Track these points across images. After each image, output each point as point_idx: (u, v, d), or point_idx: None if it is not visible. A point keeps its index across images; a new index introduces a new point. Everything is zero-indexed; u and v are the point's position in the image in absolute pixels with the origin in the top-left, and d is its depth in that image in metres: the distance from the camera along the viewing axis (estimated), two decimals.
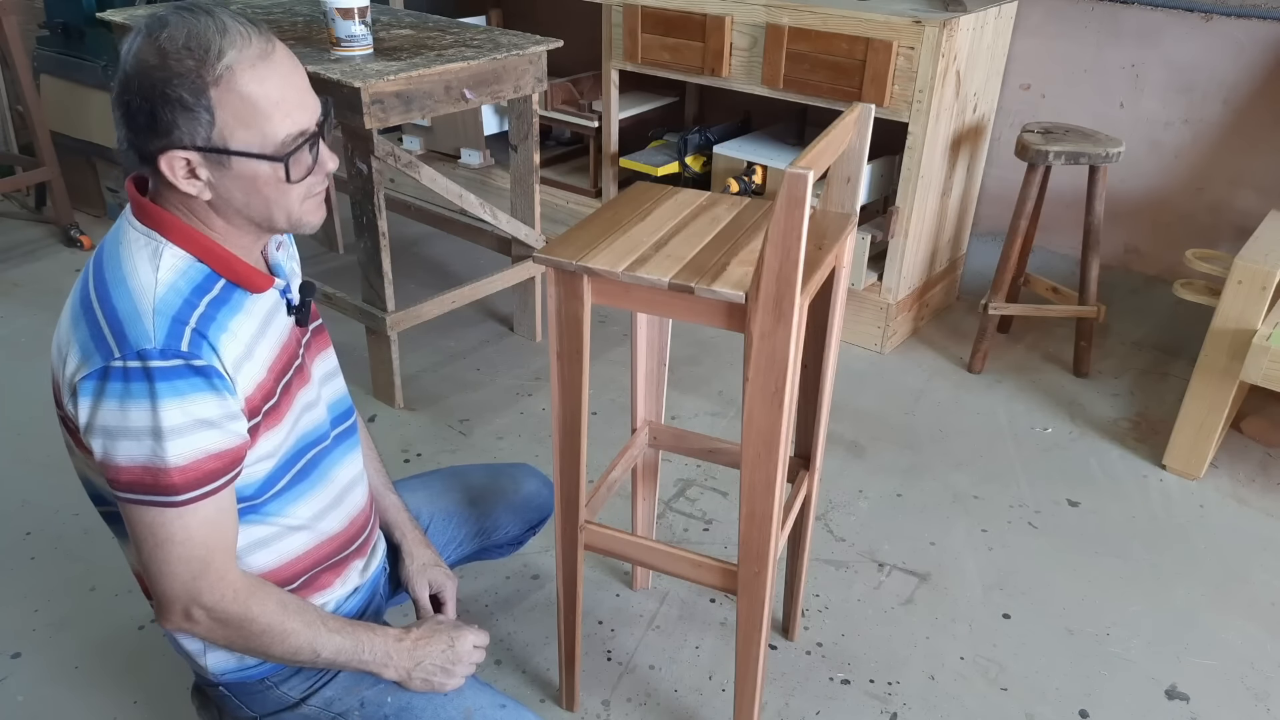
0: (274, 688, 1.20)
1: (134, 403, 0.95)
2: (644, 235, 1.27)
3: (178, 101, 0.95)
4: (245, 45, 0.96)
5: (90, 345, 0.97)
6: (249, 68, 0.96)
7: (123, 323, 0.96)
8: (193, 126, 0.96)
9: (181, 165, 0.98)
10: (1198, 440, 2.21)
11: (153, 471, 0.97)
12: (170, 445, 0.97)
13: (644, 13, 2.79)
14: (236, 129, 0.97)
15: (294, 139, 1.00)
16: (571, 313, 1.24)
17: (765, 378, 1.15)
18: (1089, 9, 2.70)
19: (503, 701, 1.25)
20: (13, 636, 1.75)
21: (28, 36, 3.36)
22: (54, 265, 3.18)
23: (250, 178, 1.00)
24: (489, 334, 2.84)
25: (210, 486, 1.00)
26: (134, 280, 0.98)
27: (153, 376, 0.95)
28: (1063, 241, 2.97)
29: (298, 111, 1.00)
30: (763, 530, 1.27)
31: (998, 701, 1.67)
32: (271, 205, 1.03)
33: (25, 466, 2.20)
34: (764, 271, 1.08)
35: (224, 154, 0.98)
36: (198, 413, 0.97)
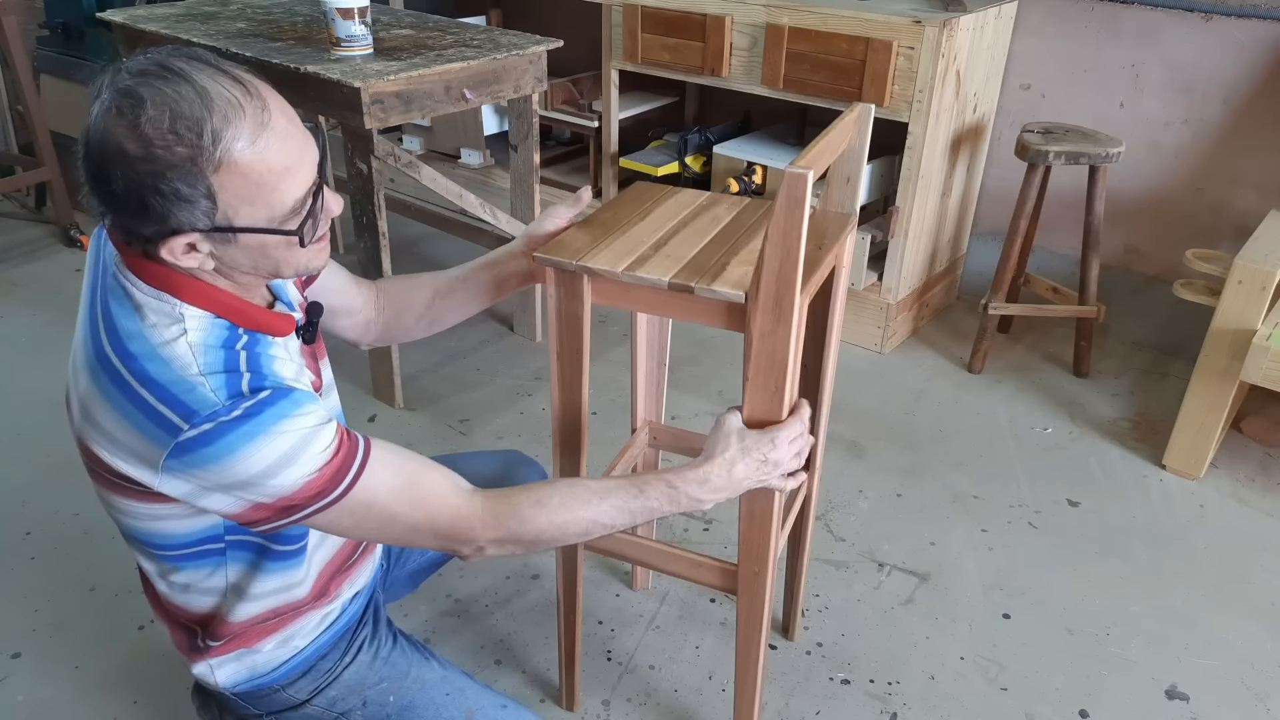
0: (281, 690, 1.20)
1: (230, 458, 0.90)
2: (644, 235, 1.27)
3: (173, 194, 0.86)
4: (239, 118, 0.87)
5: (150, 425, 0.91)
6: (248, 147, 0.88)
7: (177, 394, 0.90)
8: (192, 213, 0.88)
9: (181, 246, 0.91)
10: (1198, 440, 2.21)
11: (299, 494, 0.94)
12: (299, 465, 0.93)
13: (644, 13, 2.79)
14: (241, 207, 0.90)
15: (301, 201, 0.94)
16: (571, 312, 1.24)
17: (765, 377, 1.14)
18: (1089, 9, 2.70)
19: (504, 702, 1.26)
20: (13, 636, 1.75)
21: (28, 36, 3.36)
22: (54, 265, 3.18)
23: (258, 247, 0.94)
24: (489, 334, 2.84)
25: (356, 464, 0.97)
26: (167, 351, 0.92)
27: (236, 425, 0.90)
28: (1063, 241, 2.97)
29: (302, 171, 0.93)
30: (762, 530, 1.27)
31: (998, 701, 1.67)
32: (280, 264, 0.98)
33: (25, 466, 2.20)
34: (764, 271, 1.07)
35: (231, 232, 0.91)
36: (301, 425, 0.93)
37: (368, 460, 0.99)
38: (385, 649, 1.27)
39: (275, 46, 2.22)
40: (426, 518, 1.04)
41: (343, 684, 1.22)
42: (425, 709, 1.22)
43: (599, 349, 2.73)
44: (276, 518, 0.96)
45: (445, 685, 1.25)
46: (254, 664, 1.18)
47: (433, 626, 1.80)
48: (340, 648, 1.23)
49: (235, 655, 1.17)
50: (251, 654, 1.17)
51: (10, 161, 3.52)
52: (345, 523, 1.00)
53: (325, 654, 1.22)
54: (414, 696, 1.23)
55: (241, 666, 1.18)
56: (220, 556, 1.08)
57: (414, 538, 1.05)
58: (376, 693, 1.23)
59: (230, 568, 1.09)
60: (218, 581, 1.10)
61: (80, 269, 3.14)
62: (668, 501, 1.11)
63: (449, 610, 1.84)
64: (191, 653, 1.17)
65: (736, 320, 1.15)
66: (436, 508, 1.04)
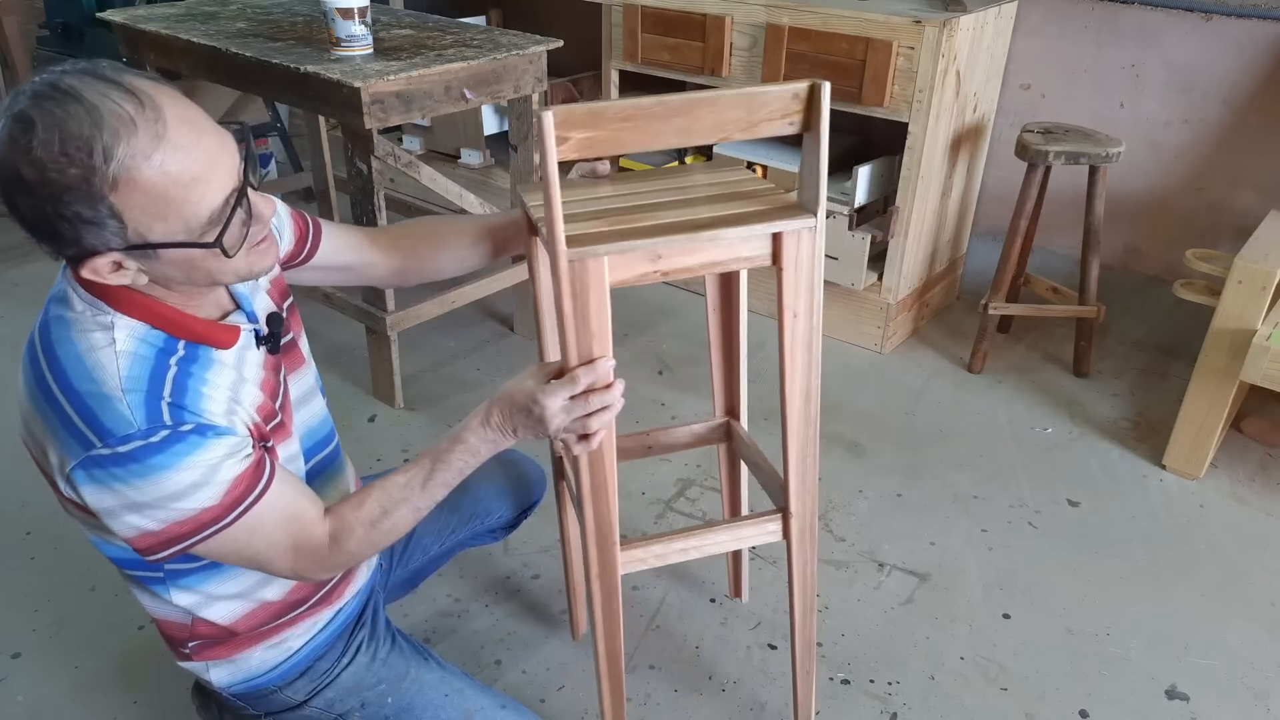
0: (279, 691, 1.20)
1: (138, 481, 0.90)
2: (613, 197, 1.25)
3: (75, 218, 0.83)
4: (131, 133, 0.83)
5: (64, 433, 0.90)
6: (143, 161, 0.83)
7: (93, 410, 0.89)
8: (102, 235, 0.85)
9: (106, 265, 0.88)
10: (1198, 440, 2.21)
11: (191, 521, 0.94)
12: (196, 497, 0.93)
13: (644, 13, 2.79)
14: (153, 223, 0.86)
15: (219, 210, 0.89)
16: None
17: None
18: (1089, 9, 2.70)
19: (503, 702, 1.26)
20: (13, 636, 1.75)
21: (28, 36, 3.36)
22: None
23: (184, 261, 0.91)
24: (489, 334, 2.84)
25: (255, 492, 0.98)
26: (91, 359, 0.90)
27: (147, 454, 0.90)
28: (1063, 241, 2.97)
29: (215, 179, 0.88)
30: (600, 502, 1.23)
31: (998, 701, 1.67)
32: (215, 274, 0.95)
33: (25, 466, 2.18)
34: None
35: (148, 248, 0.88)
36: (207, 461, 0.93)
37: (266, 492, 0.99)
38: (384, 650, 1.27)
39: (275, 46, 2.22)
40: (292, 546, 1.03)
41: (341, 685, 1.22)
42: (424, 710, 1.22)
43: None
44: (163, 548, 0.96)
45: (444, 686, 1.25)
46: (247, 668, 1.18)
47: (432, 626, 1.80)
48: (338, 649, 1.23)
49: (225, 660, 1.16)
50: (242, 659, 1.17)
51: None
52: (227, 549, 1.00)
53: (322, 655, 1.22)
54: (413, 698, 1.23)
55: (235, 669, 1.17)
56: (161, 584, 1.08)
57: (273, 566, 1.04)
58: (375, 694, 1.23)
59: (174, 590, 1.09)
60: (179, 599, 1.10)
61: None
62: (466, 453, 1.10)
63: (449, 610, 1.84)
64: (190, 654, 1.17)
65: None
66: (304, 537, 1.04)
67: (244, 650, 1.16)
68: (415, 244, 1.35)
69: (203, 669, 1.17)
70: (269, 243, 1.00)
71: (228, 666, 1.17)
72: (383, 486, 1.09)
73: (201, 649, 1.15)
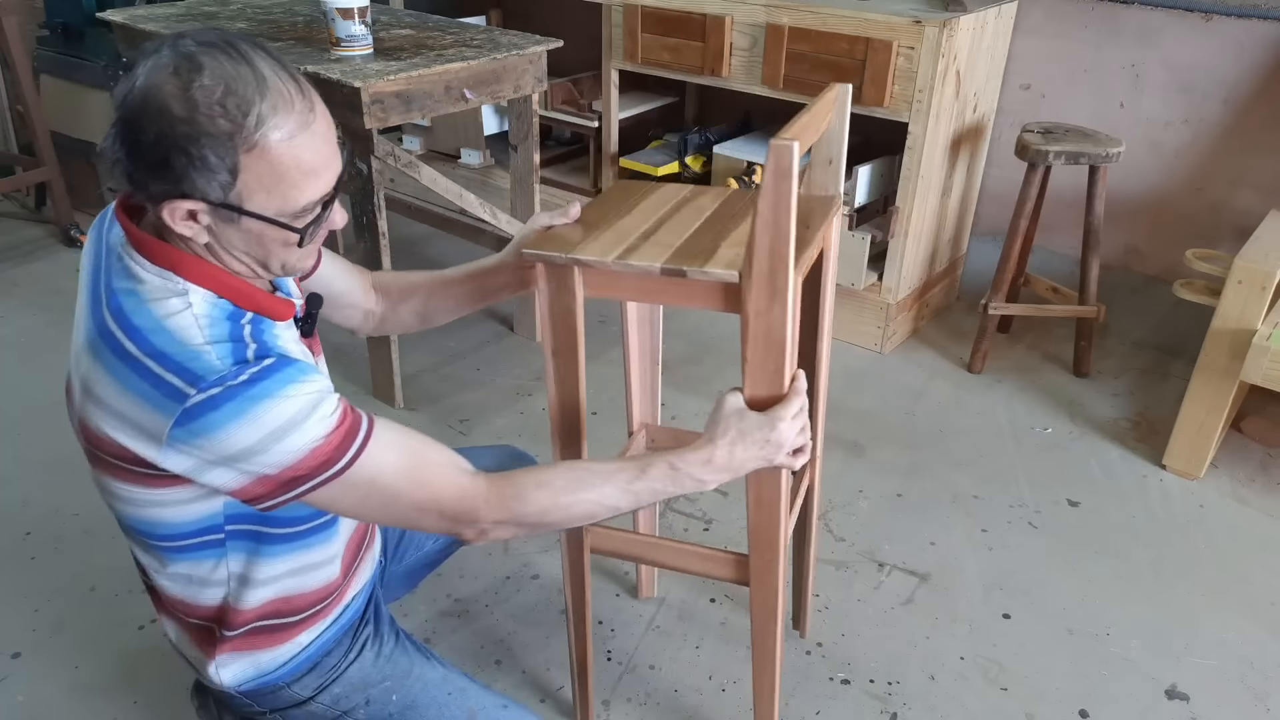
0: (286, 687, 1.20)
1: (241, 420, 0.90)
2: (631, 227, 1.26)
3: (200, 160, 0.88)
4: (288, 112, 0.90)
5: (156, 394, 0.91)
6: (288, 138, 0.90)
7: (182, 362, 0.91)
8: (208, 183, 0.89)
9: (183, 212, 0.92)
10: (1198, 440, 2.21)
11: (304, 463, 0.94)
12: (304, 431, 0.93)
13: (644, 13, 2.79)
14: (256, 192, 0.91)
15: (314, 205, 0.96)
16: (563, 307, 1.23)
17: (763, 356, 1.14)
18: (1089, 9, 2.70)
19: (504, 702, 1.26)
20: (13, 636, 1.75)
21: (28, 36, 3.36)
22: (54, 265, 3.18)
23: (257, 234, 0.96)
24: (489, 334, 2.84)
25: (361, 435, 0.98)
26: (173, 326, 0.93)
27: (244, 389, 0.90)
28: (1063, 241, 2.97)
29: (323, 178, 0.95)
30: (772, 515, 1.26)
31: (998, 701, 1.67)
32: (271, 256, 0.99)
33: (25, 466, 2.20)
34: (756, 248, 1.07)
35: (236, 212, 0.92)
36: (306, 390, 0.94)
37: (371, 434, 0.99)
38: (388, 647, 1.27)
39: (275, 46, 2.21)
40: (430, 497, 1.03)
41: (346, 681, 1.22)
42: (428, 708, 1.22)
43: (598, 349, 2.72)
44: (280, 491, 0.96)
45: (447, 685, 1.25)
46: (259, 662, 1.18)
47: (432, 626, 1.80)
48: (344, 645, 1.23)
49: (248, 652, 1.16)
50: (264, 652, 1.17)
51: (10, 161, 3.52)
52: (348, 501, 1.00)
53: (330, 650, 1.22)
54: (416, 695, 1.23)
55: (250, 664, 1.17)
56: (220, 548, 1.07)
57: (418, 518, 1.05)
58: (379, 691, 1.23)
59: (232, 559, 1.08)
60: (220, 573, 1.09)
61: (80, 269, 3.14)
62: (670, 482, 1.10)
63: (449, 610, 1.84)
64: (206, 646, 1.16)
65: (731, 301, 1.14)
66: (440, 487, 1.04)
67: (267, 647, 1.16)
68: (387, 291, 1.38)
69: (222, 664, 1.16)
70: (317, 246, 1.06)
71: (243, 662, 1.16)
72: (572, 464, 1.11)
73: (227, 640, 1.15)
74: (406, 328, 1.42)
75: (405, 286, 1.38)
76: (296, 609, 1.16)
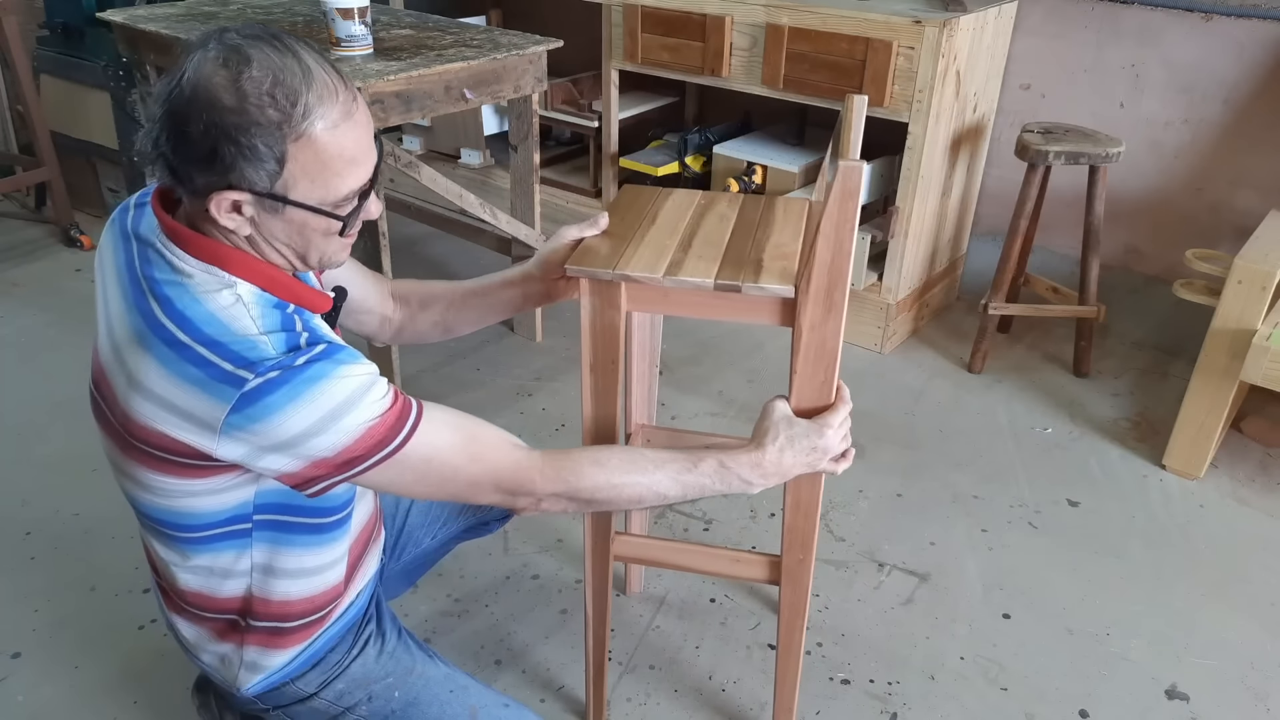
0: (291, 683, 1.20)
1: (297, 404, 0.92)
2: (663, 238, 1.26)
3: (250, 149, 0.90)
4: (332, 102, 0.93)
5: (212, 383, 0.92)
6: (332, 127, 0.93)
7: (236, 349, 0.93)
8: (256, 173, 0.92)
9: (228, 203, 0.94)
10: (1198, 440, 2.21)
11: (360, 444, 0.96)
12: (358, 412, 0.95)
13: (644, 13, 2.79)
14: (301, 181, 0.94)
15: (355, 194, 0.99)
16: (608, 322, 1.22)
17: (814, 368, 1.17)
18: (1089, 9, 2.70)
19: (505, 701, 1.26)
20: (13, 636, 1.75)
21: (28, 36, 3.36)
22: (54, 265, 3.18)
23: (300, 224, 0.98)
24: (489, 334, 2.84)
25: (413, 416, 1.00)
26: (226, 316, 0.95)
27: (298, 373, 0.93)
28: (1063, 241, 2.97)
29: (363, 168, 0.98)
30: (809, 518, 1.29)
31: (998, 701, 1.67)
32: (310, 247, 1.01)
33: (25, 466, 2.20)
34: (815, 264, 1.09)
35: (283, 203, 0.95)
36: (358, 374, 0.96)
37: (423, 414, 1.02)
38: (391, 644, 1.27)
39: None
40: (487, 470, 1.06)
41: (350, 677, 1.22)
42: (429, 705, 1.22)
43: None
44: (337, 473, 0.97)
45: (449, 683, 1.25)
46: (274, 662, 1.18)
47: (432, 626, 1.80)
48: (347, 641, 1.24)
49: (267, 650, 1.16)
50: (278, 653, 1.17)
51: (10, 161, 3.52)
52: (407, 478, 1.02)
53: (333, 647, 1.22)
54: (418, 692, 1.23)
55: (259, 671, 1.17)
56: (246, 538, 1.09)
57: (475, 492, 1.07)
58: (382, 687, 1.23)
59: (256, 549, 1.09)
60: (244, 564, 1.10)
61: (80, 269, 3.14)
62: (719, 480, 1.13)
63: (449, 610, 1.84)
64: (229, 638, 1.16)
65: (786, 315, 1.17)
66: (496, 460, 1.06)
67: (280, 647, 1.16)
68: (407, 299, 1.38)
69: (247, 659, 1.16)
70: (353, 239, 1.07)
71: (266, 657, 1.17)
72: (628, 448, 1.15)
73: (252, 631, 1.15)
74: (424, 337, 1.42)
75: (426, 296, 1.38)
76: (303, 612, 1.16)
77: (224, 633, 1.16)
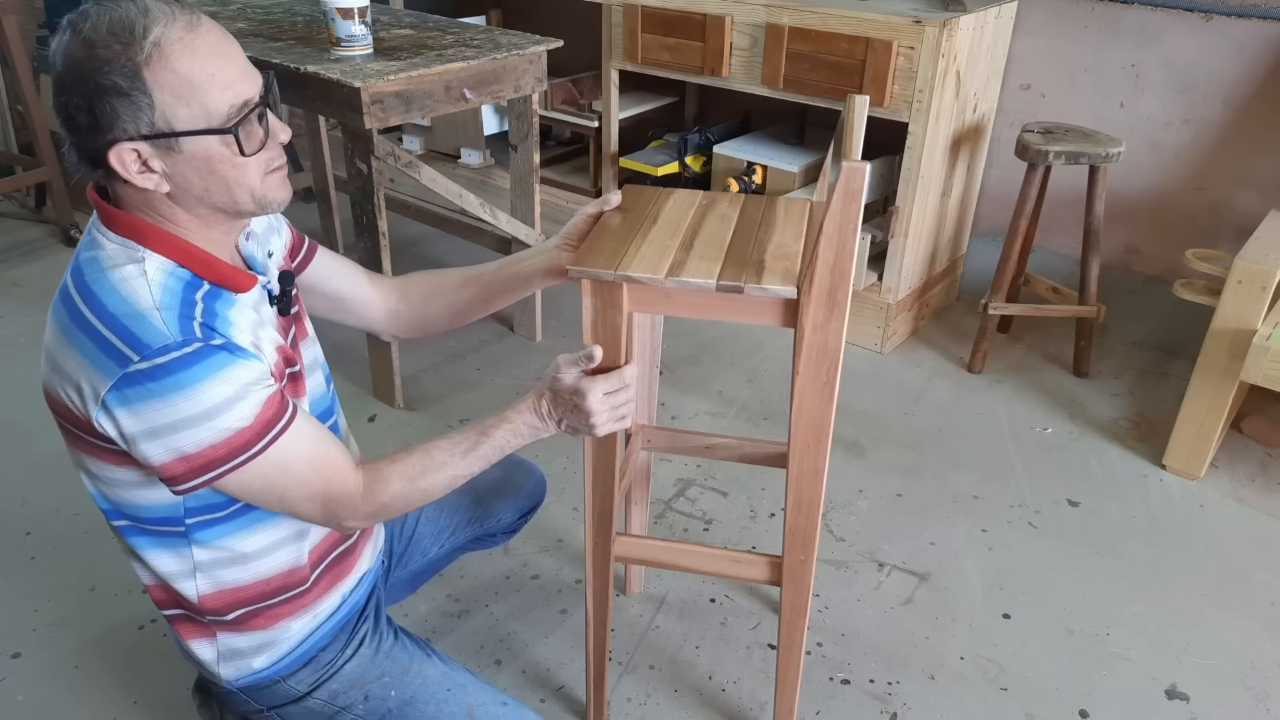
0: (282, 682, 1.20)
1: (173, 395, 0.94)
2: (664, 239, 1.26)
3: (112, 89, 0.92)
4: (170, 21, 0.94)
5: (101, 356, 0.94)
6: (176, 41, 0.94)
7: (129, 327, 0.94)
8: (134, 114, 0.94)
9: (133, 159, 0.96)
10: (1198, 440, 2.21)
11: (224, 445, 0.98)
12: (231, 415, 0.97)
13: (644, 13, 2.79)
14: (178, 109, 0.95)
15: (238, 109, 0.98)
16: (610, 323, 1.21)
17: (816, 369, 1.17)
18: (1089, 9, 2.70)
19: (504, 699, 1.26)
20: (13, 636, 1.75)
21: (28, 36, 3.36)
22: (54, 265, 3.18)
23: (204, 159, 0.98)
24: (489, 334, 2.84)
25: (282, 423, 1.02)
26: (125, 287, 0.96)
27: (183, 364, 0.94)
28: (1063, 241, 2.97)
29: (238, 83, 0.98)
30: (810, 518, 1.29)
31: (998, 701, 1.67)
32: (232, 186, 1.01)
33: (25, 466, 2.20)
34: (818, 264, 1.09)
35: (171, 137, 0.96)
36: (239, 379, 0.97)
37: (292, 423, 1.03)
38: (387, 643, 1.27)
39: (275, 46, 2.22)
40: (323, 488, 1.07)
41: (344, 677, 1.22)
42: (426, 704, 1.22)
43: None
44: (197, 474, 0.98)
45: (446, 681, 1.25)
46: (251, 664, 1.18)
47: (432, 626, 1.80)
48: (341, 640, 1.24)
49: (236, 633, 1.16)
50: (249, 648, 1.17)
51: (10, 161, 3.53)
52: (256, 485, 1.03)
53: (326, 645, 1.22)
54: (415, 691, 1.23)
55: (241, 663, 1.17)
56: (183, 539, 1.10)
57: (304, 507, 1.08)
58: (378, 687, 1.23)
59: (196, 550, 1.10)
60: (187, 564, 1.11)
61: None
62: (512, 435, 1.18)
63: (449, 610, 1.84)
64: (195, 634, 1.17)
65: (788, 316, 1.17)
66: (336, 479, 1.08)
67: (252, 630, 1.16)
68: (410, 289, 1.39)
69: (213, 660, 1.17)
70: (282, 176, 1.06)
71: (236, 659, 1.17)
72: (425, 448, 1.15)
73: (213, 626, 1.15)
74: (437, 325, 1.42)
75: (435, 283, 1.39)
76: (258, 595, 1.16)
77: (196, 628, 1.17)
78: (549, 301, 2.86)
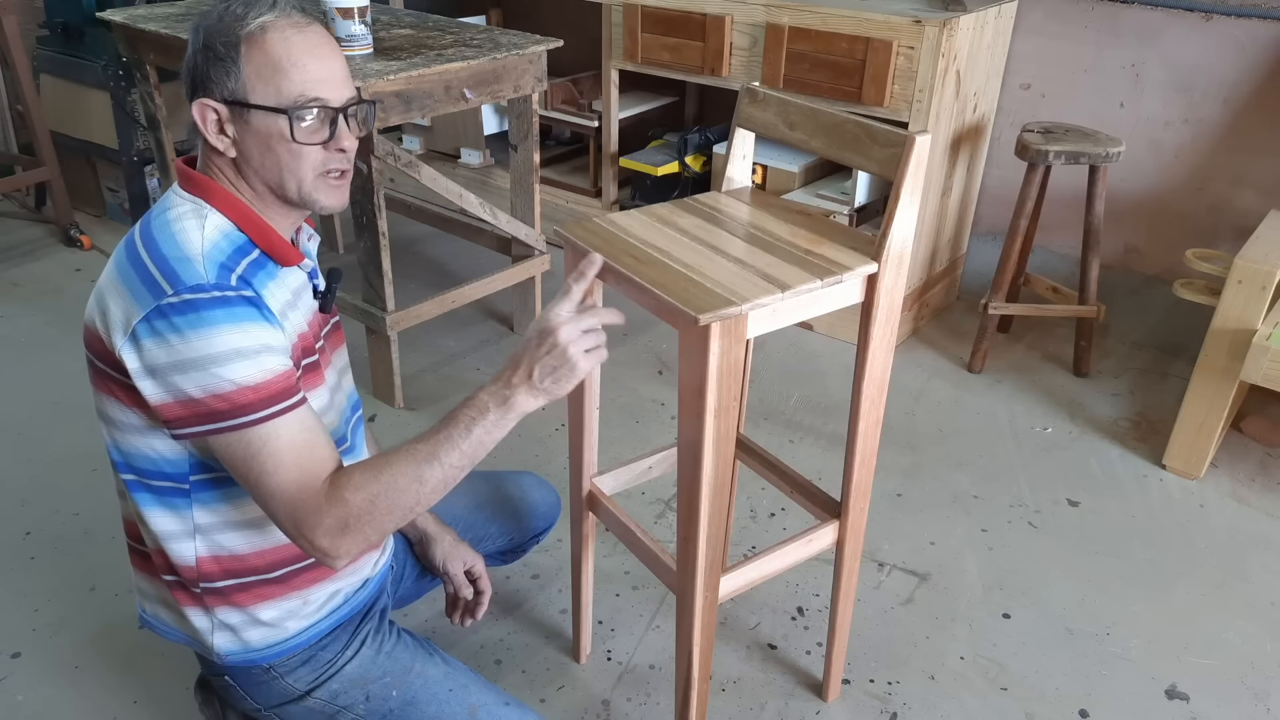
0: (280, 678, 1.20)
1: (193, 332, 0.98)
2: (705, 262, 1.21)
3: (214, 53, 1.04)
4: (286, 16, 1.05)
5: (141, 288, 1.00)
6: (279, 31, 1.04)
7: (173, 265, 1.00)
8: (222, 79, 1.04)
9: (212, 117, 1.06)
10: (1198, 440, 2.21)
11: (227, 399, 0.99)
12: (238, 367, 0.99)
13: (644, 12, 2.79)
14: (256, 84, 1.04)
15: (307, 101, 1.05)
16: (734, 359, 1.14)
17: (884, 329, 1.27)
18: (1089, 9, 2.70)
19: (506, 699, 1.26)
20: (13, 636, 1.75)
21: (28, 36, 3.36)
22: (54, 265, 3.18)
23: (264, 134, 1.06)
24: (489, 334, 2.84)
25: (285, 403, 1.02)
26: (182, 235, 1.03)
27: (210, 305, 0.99)
28: (1063, 241, 2.97)
29: (320, 83, 1.06)
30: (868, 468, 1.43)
31: (998, 701, 1.67)
32: (283, 169, 1.07)
33: (25, 466, 2.20)
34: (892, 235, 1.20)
35: (243, 107, 1.04)
36: (258, 337, 1.01)
37: (297, 408, 1.04)
38: (389, 643, 1.27)
39: None
40: (295, 485, 1.01)
41: (345, 677, 1.22)
42: (428, 704, 1.22)
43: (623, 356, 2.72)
44: (196, 422, 0.99)
45: (448, 681, 1.25)
46: (244, 639, 1.17)
47: (432, 626, 1.80)
48: (341, 639, 1.23)
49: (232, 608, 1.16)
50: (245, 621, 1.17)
51: (10, 161, 3.52)
52: (239, 453, 1.01)
53: (325, 644, 1.22)
54: (417, 691, 1.23)
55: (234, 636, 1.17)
56: (185, 498, 1.11)
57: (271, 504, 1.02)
58: (379, 687, 1.23)
59: (197, 510, 1.11)
60: (187, 525, 1.11)
61: (80, 269, 3.14)
62: (496, 427, 1.06)
63: None
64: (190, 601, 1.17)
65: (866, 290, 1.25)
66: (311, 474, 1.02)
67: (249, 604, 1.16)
68: None
69: (208, 629, 1.17)
70: (337, 185, 1.12)
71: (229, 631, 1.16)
72: (391, 449, 1.08)
73: (209, 594, 1.15)
74: None
75: None
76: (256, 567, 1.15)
77: (192, 597, 1.16)
78: (549, 300, 2.86)
